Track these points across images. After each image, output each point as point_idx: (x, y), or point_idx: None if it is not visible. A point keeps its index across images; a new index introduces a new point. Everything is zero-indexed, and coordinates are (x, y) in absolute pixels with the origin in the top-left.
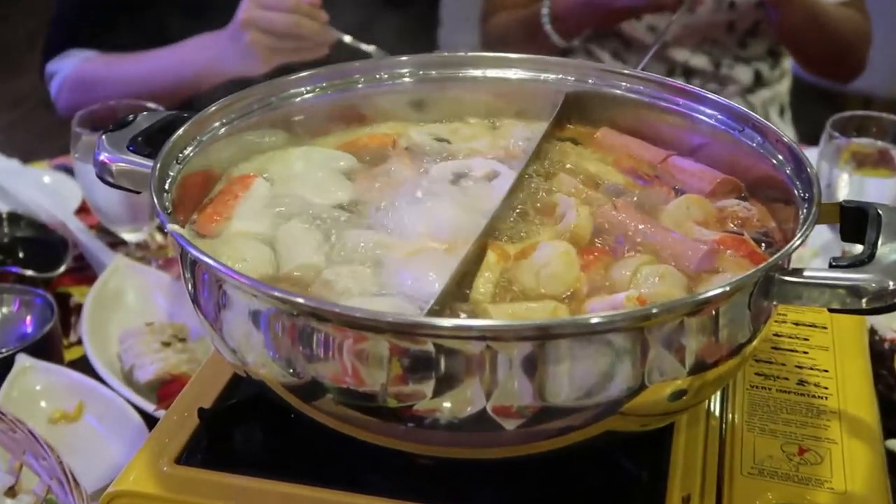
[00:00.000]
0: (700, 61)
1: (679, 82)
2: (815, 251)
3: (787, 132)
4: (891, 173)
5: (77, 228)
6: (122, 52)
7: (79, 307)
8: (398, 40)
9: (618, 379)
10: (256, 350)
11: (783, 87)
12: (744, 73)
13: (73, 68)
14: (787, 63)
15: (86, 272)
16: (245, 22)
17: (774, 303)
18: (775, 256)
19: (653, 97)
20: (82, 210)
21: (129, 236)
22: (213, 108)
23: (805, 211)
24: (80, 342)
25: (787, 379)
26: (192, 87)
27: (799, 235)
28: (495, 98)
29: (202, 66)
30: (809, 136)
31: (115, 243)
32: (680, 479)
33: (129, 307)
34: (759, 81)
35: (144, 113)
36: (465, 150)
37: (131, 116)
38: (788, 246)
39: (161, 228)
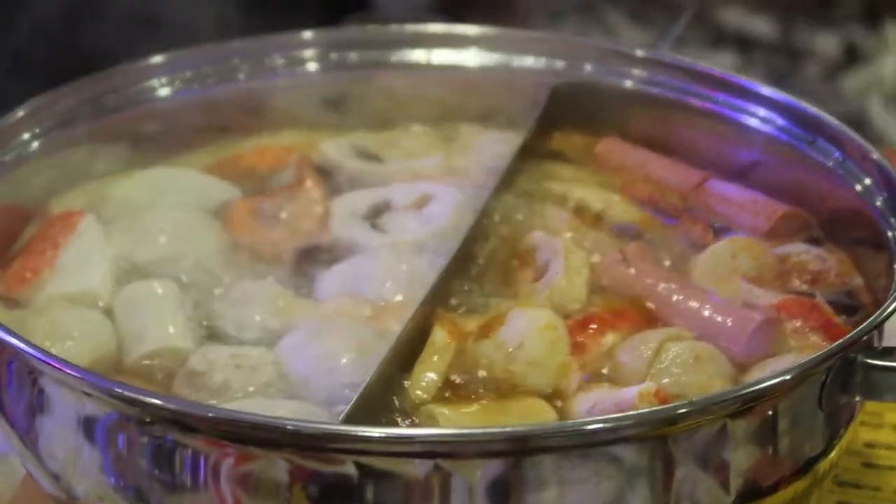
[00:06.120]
0: (762, 26)
1: (717, 70)
2: None
3: None
4: None
5: None
6: None
7: None
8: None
9: None
10: (90, 475)
11: (889, 66)
12: (828, 44)
13: None
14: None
15: None
16: None
17: (858, 398)
18: (858, 329)
19: (680, 92)
20: None
21: None
22: (20, 111)
23: None
24: None
25: None
26: None
27: (894, 297)
28: (449, 94)
29: None
30: None
31: None
32: None
33: None
34: (851, 56)
35: None
36: (404, 172)
37: None
38: (878, 313)
39: None
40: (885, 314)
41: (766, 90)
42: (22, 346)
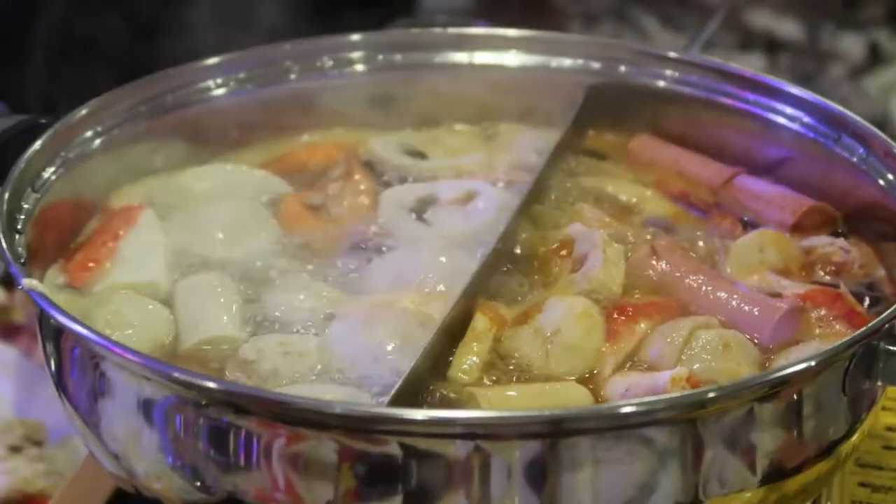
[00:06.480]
0: (790, 28)
1: (747, 70)
2: None
3: None
4: None
5: None
6: None
7: None
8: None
9: (660, 492)
10: (149, 455)
11: None
12: (854, 46)
13: None
14: None
15: None
16: None
17: (880, 383)
18: (881, 318)
19: (711, 91)
20: None
21: None
22: (82, 110)
23: None
24: None
25: None
26: None
27: None
28: (489, 93)
29: None
30: None
31: None
32: None
33: None
34: (875, 57)
35: None
36: (447, 168)
37: None
38: None
39: (6, 282)
40: None
41: (794, 89)
42: (87, 333)
